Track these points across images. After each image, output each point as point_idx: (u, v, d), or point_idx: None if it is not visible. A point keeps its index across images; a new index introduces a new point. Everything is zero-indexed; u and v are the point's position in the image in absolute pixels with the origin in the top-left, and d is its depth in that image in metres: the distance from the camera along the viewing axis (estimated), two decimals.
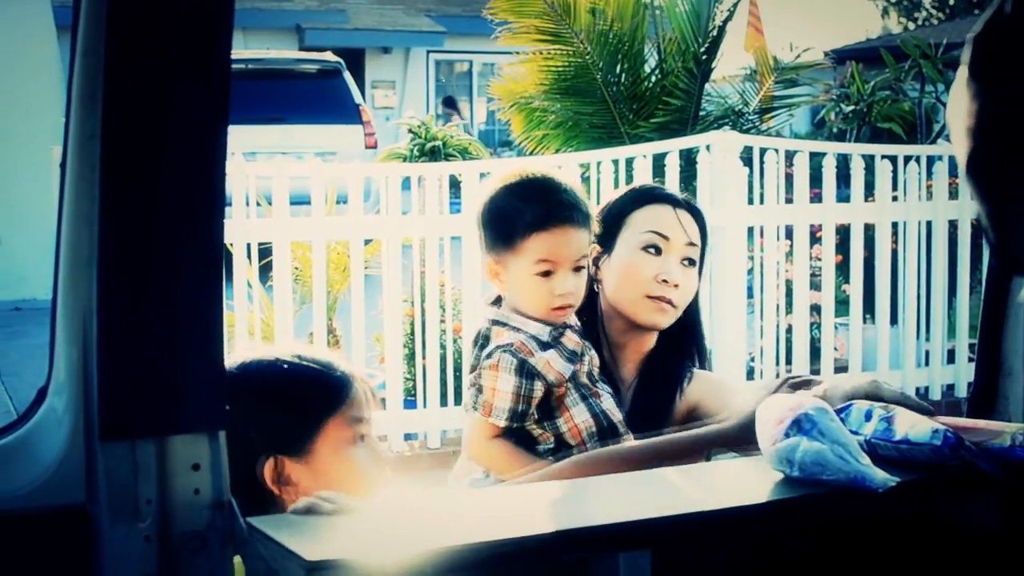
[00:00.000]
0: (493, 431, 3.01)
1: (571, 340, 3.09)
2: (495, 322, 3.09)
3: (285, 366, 2.53)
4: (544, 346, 3.03)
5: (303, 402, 2.51)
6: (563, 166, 8.23)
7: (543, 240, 2.97)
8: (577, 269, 3.03)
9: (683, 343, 3.37)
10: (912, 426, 2.43)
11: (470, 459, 3.10)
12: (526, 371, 2.99)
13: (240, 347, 7.36)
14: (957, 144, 1.69)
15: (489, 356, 3.01)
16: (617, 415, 3.09)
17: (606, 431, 3.05)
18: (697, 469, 2.60)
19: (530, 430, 3.05)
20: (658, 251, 3.25)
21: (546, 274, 2.99)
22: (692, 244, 3.28)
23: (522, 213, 2.99)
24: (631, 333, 3.31)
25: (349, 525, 2.15)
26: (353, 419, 2.54)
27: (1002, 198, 1.67)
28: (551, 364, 3.01)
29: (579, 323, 3.18)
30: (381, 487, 2.55)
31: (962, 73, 1.68)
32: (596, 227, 3.12)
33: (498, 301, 3.13)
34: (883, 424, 2.46)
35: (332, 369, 2.57)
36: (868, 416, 2.48)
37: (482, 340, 3.10)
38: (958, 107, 1.68)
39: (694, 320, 3.40)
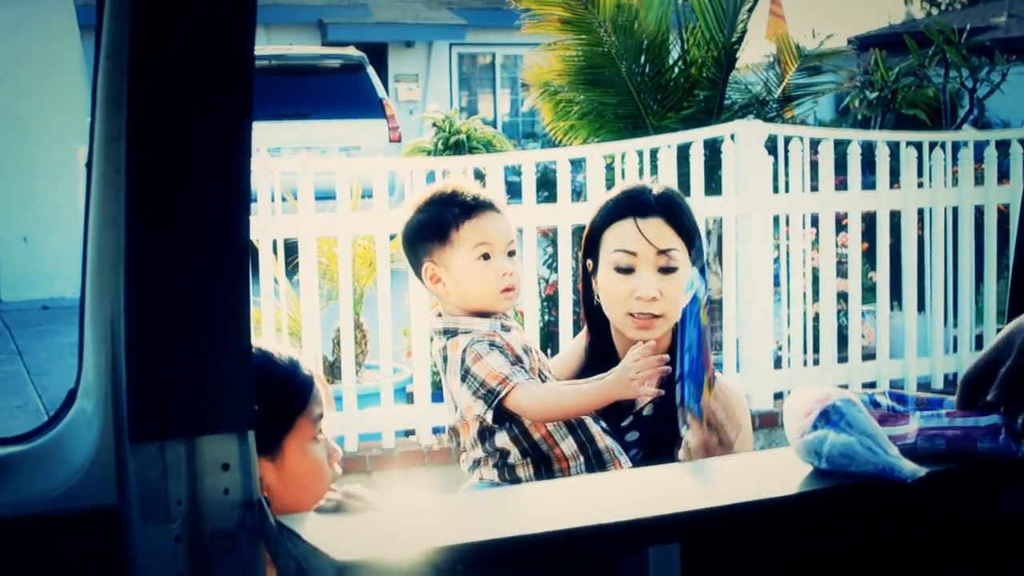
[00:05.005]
0: (527, 390, 3.07)
1: (519, 338, 3.21)
2: (446, 332, 3.20)
3: (260, 363, 2.43)
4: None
5: (278, 401, 2.49)
6: (589, 157, 8.22)
7: (475, 225, 3.16)
8: (510, 254, 3.20)
9: None
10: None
11: (547, 419, 3.12)
12: (498, 346, 3.12)
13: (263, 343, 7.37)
14: None
15: (464, 358, 3.11)
16: None
17: (574, 426, 3.16)
18: (725, 461, 2.60)
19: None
20: (629, 269, 3.26)
21: (486, 257, 3.16)
22: (664, 251, 3.25)
23: (449, 210, 3.18)
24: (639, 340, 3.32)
25: (379, 523, 2.16)
26: (316, 417, 2.56)
27: None
28: (512, 346, 3.14)
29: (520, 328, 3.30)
30: (332, 483, 2.54)
31: None
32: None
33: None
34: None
35: (300, 366, 2.58)
36: (876, 404, 2.51)
37: (442, 362, 3.21)
38: None
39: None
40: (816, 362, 8.69)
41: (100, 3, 1.97)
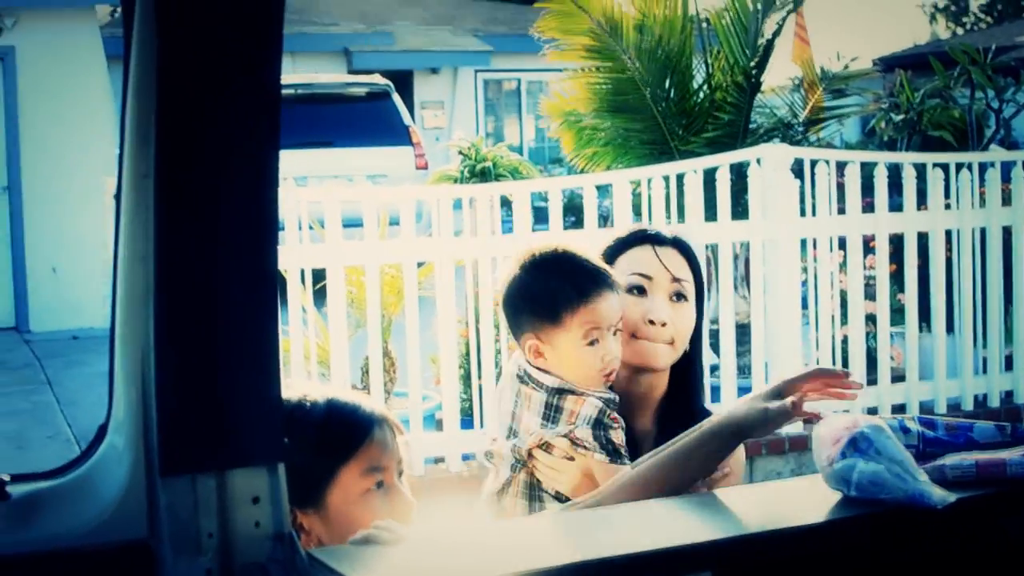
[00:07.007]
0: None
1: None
2: (560, 391, 3.10)
3: (289, 412, 2.38)
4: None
5: (310, 456, 2.44)
6: (616, 182, 8.24)
7: (589, 312, 3.05)
8: (615, 332, 3.11)
9: (694, 382, 3.37)
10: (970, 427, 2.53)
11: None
12: (623, 426, 3.09)
13: (295, 374, 7.39)
14: None
15: (602, 419, 3.05)
16: None
17: None
18: (755, 489, 2.60)
19: None
20: (643, 291, 3.26)
21: (593, 343, 3.07)
22: (677, 280, 3.27)
23: (562, 289, 3.07)
24: (637, 379, 3.29)
25: (409, 555, 2.16)
26: (369, 468, 2.50)
27: None
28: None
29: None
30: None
31: None
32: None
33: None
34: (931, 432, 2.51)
35: (349, 415, 2.52)
36: (905, 429, 2.51)
37: (553, 411, 3.11)
38: None
39: (699, 358, 3.41)
40: None
41: (127, 39, 1.99)
